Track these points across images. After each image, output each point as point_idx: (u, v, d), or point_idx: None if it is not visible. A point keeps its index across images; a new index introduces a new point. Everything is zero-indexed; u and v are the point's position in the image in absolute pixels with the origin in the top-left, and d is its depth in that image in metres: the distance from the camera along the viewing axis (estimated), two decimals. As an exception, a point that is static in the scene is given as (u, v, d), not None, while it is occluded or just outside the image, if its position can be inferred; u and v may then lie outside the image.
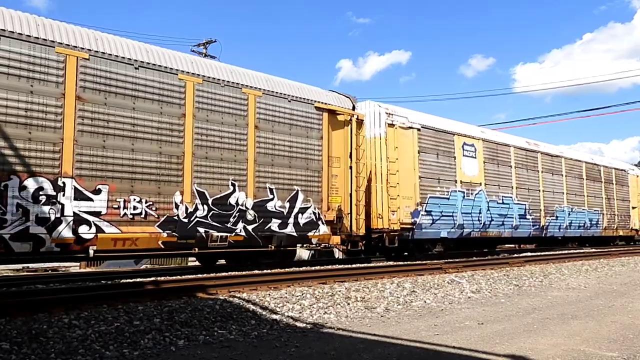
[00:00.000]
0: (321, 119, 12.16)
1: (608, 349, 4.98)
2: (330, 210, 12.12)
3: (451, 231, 15.44)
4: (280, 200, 11.14)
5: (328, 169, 12.22)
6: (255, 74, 11.25)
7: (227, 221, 10.19)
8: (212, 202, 9.98)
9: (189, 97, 9.81)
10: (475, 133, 17.08)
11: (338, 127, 12.60)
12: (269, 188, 10.97)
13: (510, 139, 18.97)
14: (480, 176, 16.77)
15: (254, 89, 10.91)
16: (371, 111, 14.28)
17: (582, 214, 21.97)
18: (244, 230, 10.43)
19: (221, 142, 10.26)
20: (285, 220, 11.19)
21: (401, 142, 14.30)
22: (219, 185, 10.14)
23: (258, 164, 10.82)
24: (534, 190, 19.22)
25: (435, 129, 15.46)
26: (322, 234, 11.93)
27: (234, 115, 10.53)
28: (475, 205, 16.38)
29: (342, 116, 12.64)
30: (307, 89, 12.14)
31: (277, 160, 11.17)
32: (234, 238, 10.29)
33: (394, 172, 13.94)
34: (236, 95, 10.59)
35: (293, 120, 11.57)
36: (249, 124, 10.74)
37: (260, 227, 10.71)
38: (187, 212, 9.61)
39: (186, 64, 9.94)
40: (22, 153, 7.88)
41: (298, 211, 11.46)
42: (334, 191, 12.31)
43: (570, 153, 22.32)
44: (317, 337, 5.39)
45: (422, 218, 14.55)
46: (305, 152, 11.74)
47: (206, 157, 10.00)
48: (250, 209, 10.58)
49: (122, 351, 4.65)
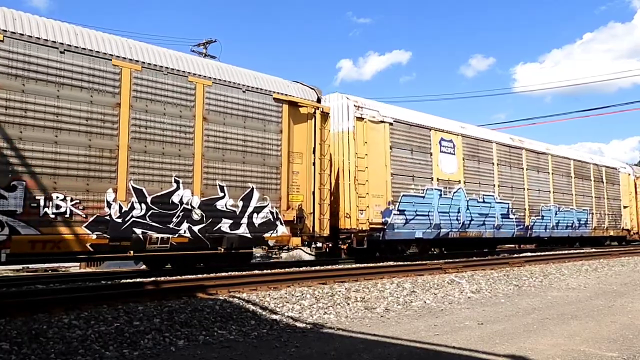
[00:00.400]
0: (280, 111, 11.30)
1: (608, 349, 4.97)
2: (290, 210, 11.26)
3: (427, 231, 14.59)
4: (232, 198, 10.28)
5: (288, 165, 11.36)
6: (205, 61, 10.41)
7: (169, 221, 9.33)
8: (151, 200, 9.11)
9: (125, 85, 8.94)
10: (453, 128, 16.22)
11: (300, 121, 11.74)
12: (219, 185, 10.11)
13: (493, 134, 18.12)
14: (459, 173, 15.93)
15: (203, 77, 10.05)
16: (339, 104, 13.43)
17: (570, 214, 21.13)
18: (189, 231, 9.57)
19: (163, 134, 9.40)
20: (238, 220, 10.33)
21: (371, 137, 13.45)
22: (159, 181, 9.27)
23: (207, 159, 9.96)
24: (518, 189, 18.38)
25: (409, 124, 14.61)
26: (281, 235, 11.08)
27: (179, 106, 9.66)
28: (453, 204, 15.53)
29: (305, 109, 11.78)
30: (265, 79, 11.28)
31: (228, 155, 10.31)
32: (177, 240, 9.43)
33: (363, 169, 13.09)
34: (181, 84, 9.72)
35: (248, 112, 10.70)
36: (196, 116, 9.88)
37: (209, 227, 9.85)
38: (122, 211, 8.74)
39: (122, 49, 9.07)
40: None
41: (253, 210, 10.60)
42: (294, 189, 11.46)
43: (558, 150, 21.48)
44: (317, 337, 5.41)
45: (395, 218, 13.70)
46: (261, 146, 10.87)
47: (145, 151, 9.13)
48: (197, 208, 9.72)
49: (122, 351, 4.65)
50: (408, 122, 14.61)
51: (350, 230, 12.83)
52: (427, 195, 14.72)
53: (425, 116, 15.74)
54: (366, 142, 13.27)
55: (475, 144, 16.79)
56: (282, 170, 11.21)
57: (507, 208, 17.69)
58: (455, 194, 15.66)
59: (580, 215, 21.74)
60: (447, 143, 15.69)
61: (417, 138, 14.78)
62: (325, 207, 12.00)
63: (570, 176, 21.54)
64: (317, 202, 11.79)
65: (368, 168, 13.18)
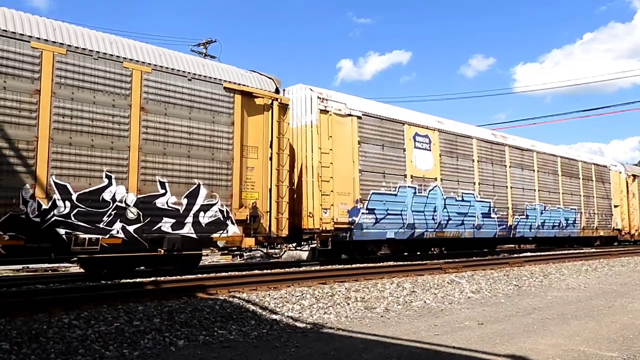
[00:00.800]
0: (232, 102, 10.45)
1: (608, 349, 4.96)
2: (243, 208, 10.41)
3: (399, 231, 13.74)
4: (175, 195, 9.42)
5: (241, 160, 10.51)
6: (145, 46, 9.55)
7: (98, 220, 8.47)
8: (77, 197, 8.25)
9: (46, 70, 8.09)
10: (430, 123, 15.37)
11: (256, 112, 10.90)
12: (159, 181, 9.26)
13: (473, 130, 17.27)
14: (435, 170, 15.08)
15: (141, 63, 9.20)
16: (301, 95, 12.59)
17: (557, 213, 20.28)
18: (122, 231, 8.71)
19: (92, 125, 8.55)
20: (182, 219, 9.48)
21: (337, 131, 12.60)
22: (88, 177, 8.42)
23: (144, 152, 9.11)
24: (500, 187, 17.53)
25: (380, 117, 13.76)
26: (232, 235, 10.22)
27: (112, 94, 8.82)
28: (429, 203, 14.68)
29: (261, 99, 10.94)
30: (214, 66, 10.44)
31: (171, 148, 9.46)
32: (109, 241, 8.57)
33: (327, 165, 12.24)
34: (115, 70, 8.88)
35: (194, 102, 9.86)
36: (132, 105, 9.03)
37: (146, 227, 8.99)
38: (41, 209, 7.88)
39: (44, 31, 8.22)
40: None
41: (199, 209, 9.75)
42: (248, 186, 10.61)
43: (544, 147, 20.62)
44: (317, 337, 5.40)
45: (363, 217, 12.85)
46: (210, 139, 10.02)
47: (70, 144, 8.28)
48: (133, 206, 8.86)
49: (122, 351, 4.63)
50: (379, 115, 13.76)
51: (313, 230, 11.98)
52: (399, 193, 13.87)
53: (398, 110, 14.90)
54: (331, 137, 12.42)
55: (453, 139, 15.95)
56: (234, 166, 10.36)
57: (489, 207, 16.84)
58: (431, 192, 14.81)
59: (567, 215, 20.89)
60: (422, 138, 14.85)
61: (389, 133, 13.93)
62: (284, 205, 11.14)
63: (557, 174, 20.70)
64: (275, 199, 10.94)
65: (333, 164, 12.34)
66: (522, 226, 18.25)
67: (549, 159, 20.41)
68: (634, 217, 25.01)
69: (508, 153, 18.16)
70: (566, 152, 22.12)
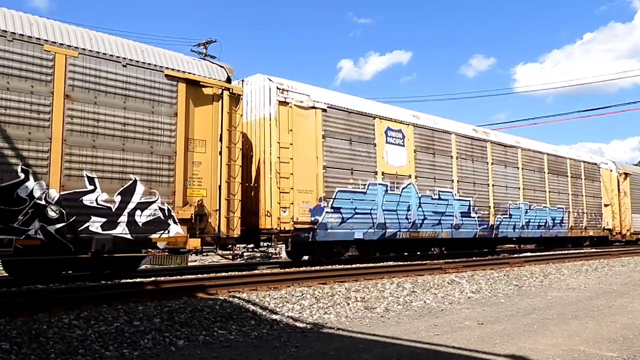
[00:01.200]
0: (175, 91, 9.58)
1: (608, 349, 4.96)
2: (187, 206, 9.53)
3: (369, 232, 12.86)
4: (106, 192, 8.54)
5: (186, 154, 9.63)
6: (71, 28, 8.68)
7: (12, 220, 7.59)
8: (-15, 194, 7.39)
9: (-52, 51, 7.24)
10: (403, 117, 14.51)
11: (204, 103, 10.03)
12: (87, 177, 8.38)
13: (452, 125, 16.38)
14: (409, 167, 14.22)
15: (66, 47, 8.34)
16: (259, 86, 11.74)
17: (543, 212, 19.41)
18: (42, 231, 7.83)
19: (5, 114, 7.67)
20: (114, 218, 8.60)
21: (298, 124, 11.74)
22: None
23: (69, 144, 8.24)
24: (481, 185, 16.66)
25: (347, 110, 12.90)
26: (174, 235, 9.34)
27: (30, 80, 7.95)
28: (402, 201, 13.81)
29: (209, 89, 10.07)
30: (154, 52, 9.57)
31: (101, 140, 8.59)
32: (25, 242, 7.69)
33: (287, 161, 11.37)
34: (34, 53, 8.01)
35: (130, 91, 8.99)
36: (55, 93, 8.16)
37: (71, 227, 8.11)
38: (-60, 207, 7.01)
39: (-53, 8, 7.38)
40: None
41: (136, 207, 8.87)
42: (195, 182, 9.74)
43: (529, 143, 19.76)
44: (317, 337, 5.41)
45: (328, 216, 11.97)
46: (148, 131, 9.16)
47: (-23, 134, 7.42)
48: (54, 204, 7.98)
49: (122, 351, 4.64)
50: (346, 108, 12.91)
51: (270, 230, 11.10)
52: (369, 191, 13.01)
53: (368, 103, 14.03)
54: (292, 130, 11.55)
55: (429, 134, 15.09)
56: (177, 160, 9.48)
57: (468, 206, 15.97)
58: (404, 189, 13.94)
59: (554, 214, 20.02)
60: (394, 133, 13.99)
61: (358, 127, 13.07)
62: (236, 204, 10.26)
63: (544, 172, 19.84)
64: (225, 197, 10.06)
65: (293, 160, 11.47)
66: (505, 226, 17.37)
67: (535, 156, 19.55)
68: (625, 216, 24.13)
69: (490, 149, 17.30)
70: (554, 149, 21.25)
